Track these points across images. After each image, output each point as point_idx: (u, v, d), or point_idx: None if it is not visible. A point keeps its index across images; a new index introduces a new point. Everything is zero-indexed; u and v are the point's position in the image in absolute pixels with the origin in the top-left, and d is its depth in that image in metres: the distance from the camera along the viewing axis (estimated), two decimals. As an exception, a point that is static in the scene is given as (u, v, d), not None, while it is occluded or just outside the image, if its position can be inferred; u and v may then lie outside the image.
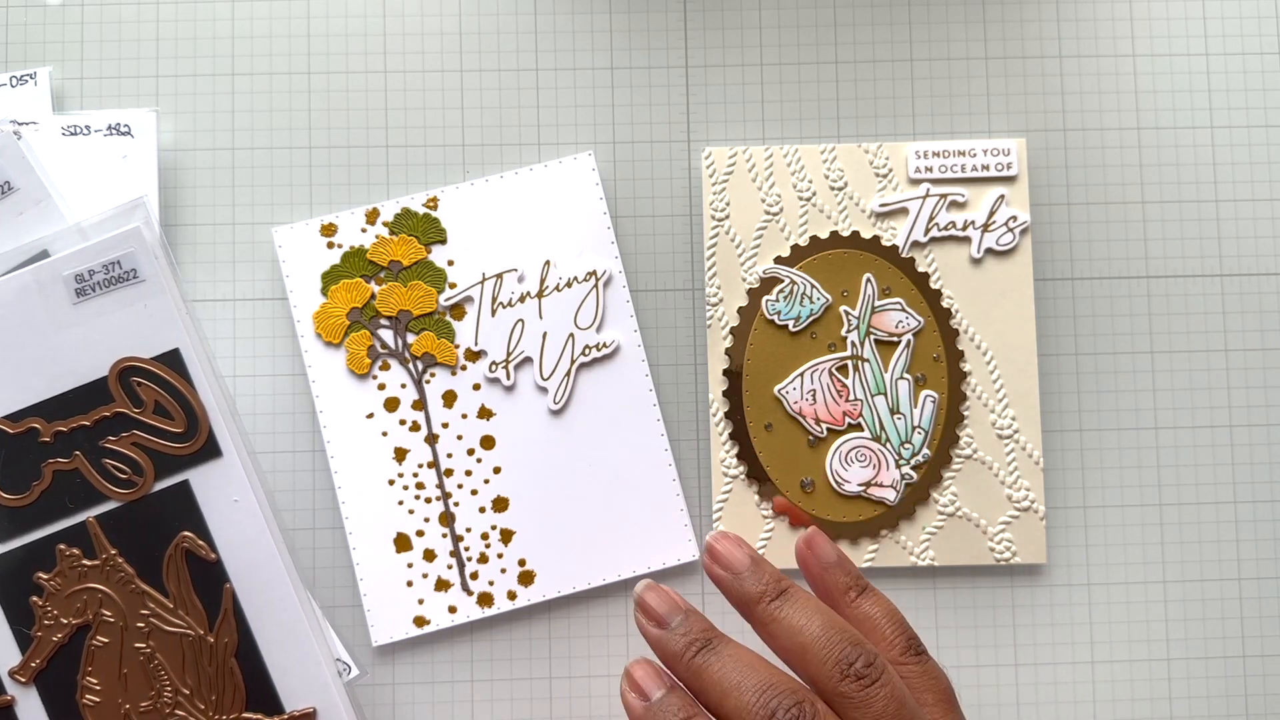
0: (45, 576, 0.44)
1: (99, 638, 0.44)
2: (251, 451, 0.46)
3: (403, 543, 0.48)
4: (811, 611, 0.35)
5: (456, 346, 0.48)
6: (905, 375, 0.48)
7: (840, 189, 0.49)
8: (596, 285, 0.49)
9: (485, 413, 0.48)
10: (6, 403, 0.44)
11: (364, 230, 0.49)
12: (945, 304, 0.48)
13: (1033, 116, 0.50)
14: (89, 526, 0.44)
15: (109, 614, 0.44)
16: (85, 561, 0.44)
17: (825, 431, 0.48)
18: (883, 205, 0.49)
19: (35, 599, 0.44)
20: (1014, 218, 0.49)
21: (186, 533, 0.44)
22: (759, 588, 0.36)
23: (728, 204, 0.49)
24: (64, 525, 0.44)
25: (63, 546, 0.44)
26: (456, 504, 0.48)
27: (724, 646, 0.35)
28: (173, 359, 0.45)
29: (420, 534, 0.48)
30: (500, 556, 0.48)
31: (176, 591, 0.44)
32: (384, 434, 0.48)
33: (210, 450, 0.45)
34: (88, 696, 0.44)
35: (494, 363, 0.48)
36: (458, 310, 0.49)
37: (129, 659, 0.44)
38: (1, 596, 0.44)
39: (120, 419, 0.44)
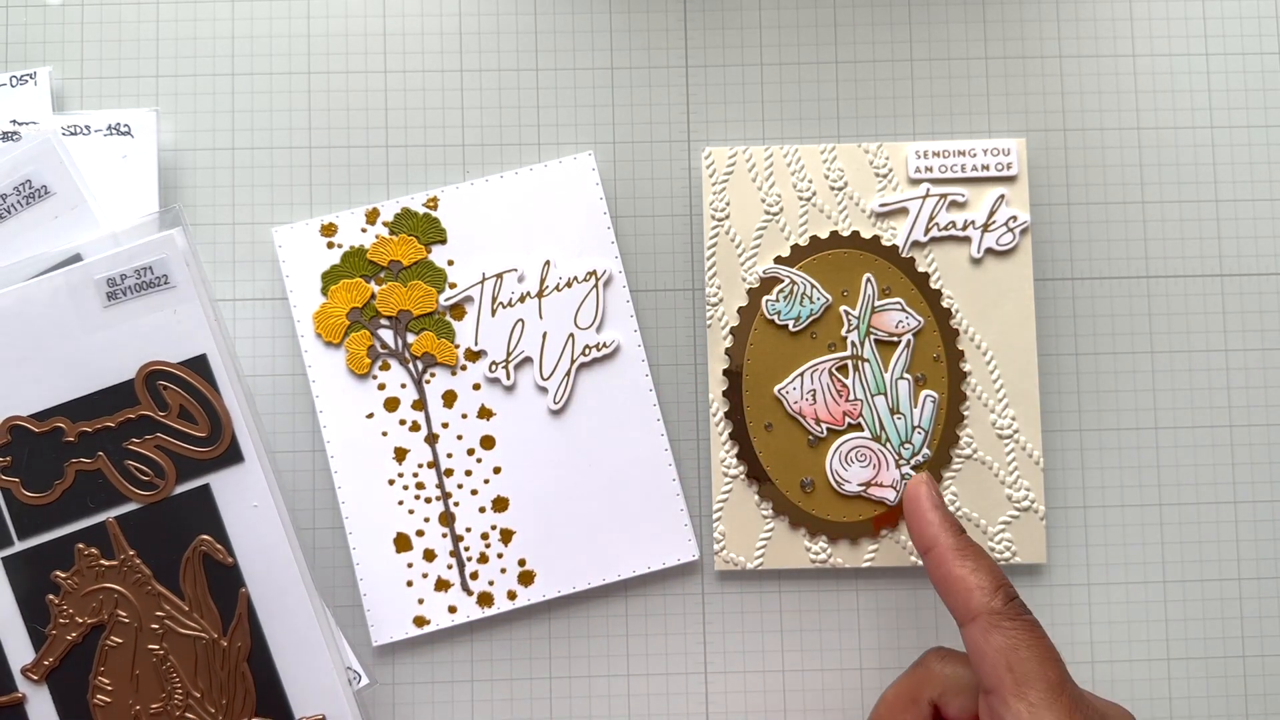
0: (63, 575, 0.44)
1: (113, 638, 0.44)
2: (273, 458, 0.46)
3: (403, 543, 0.48)
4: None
5: (456, 346, 0.48)
6: (905, 375, 0.48)
7: (840, 189, 0.49)
8: (596, 285, 0.49)
9: (485, 413, 0.48)
10: (33, 402, 0.44)
11: (364, 230, 0.49)
12: (945, 304, 0.48)
13: (1033, 116, 0.50)
14: (109, 527, 0.44)
15: (124, 614, 0.44)
16: (103, 561, 0.44)
17: (825, 431, 0.48)
18: (883, 205, 0.49)
19: (52, 597, 0.44)
20: (1014, 218, 0.49)
21: (205, 536, 0.44)
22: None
23: (728, 204, 0.49)
24: (84, 525, 0.44)
25: (81, 546, 0.44)
26: (456, 504, 0.48)
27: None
28: (199, 364, 0.45)
29: (420, 534, 0.48)
30: (500, 556, 0.48)
31: (192, 594, 0.44)
32: (384, 434, 0.48)
33: (232, 455, 0.45)
34: (99, 696, 0.44)
35: (494, 363, 0.48)
36: (458, 310, 0.49)
37: (142, 660, 0.44)
38: (18, 594, 0.44)
39: (145, 421, 0.44)
